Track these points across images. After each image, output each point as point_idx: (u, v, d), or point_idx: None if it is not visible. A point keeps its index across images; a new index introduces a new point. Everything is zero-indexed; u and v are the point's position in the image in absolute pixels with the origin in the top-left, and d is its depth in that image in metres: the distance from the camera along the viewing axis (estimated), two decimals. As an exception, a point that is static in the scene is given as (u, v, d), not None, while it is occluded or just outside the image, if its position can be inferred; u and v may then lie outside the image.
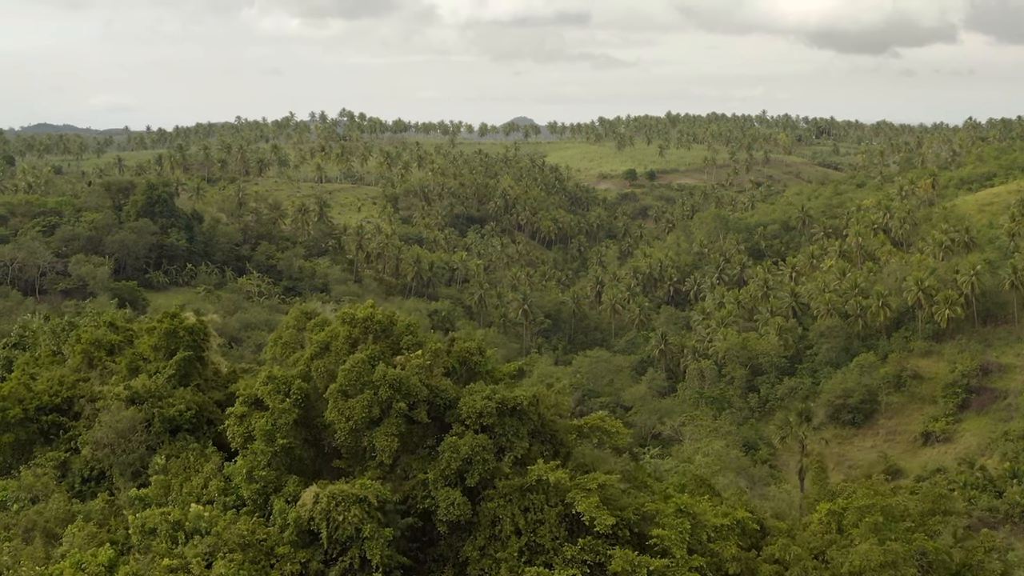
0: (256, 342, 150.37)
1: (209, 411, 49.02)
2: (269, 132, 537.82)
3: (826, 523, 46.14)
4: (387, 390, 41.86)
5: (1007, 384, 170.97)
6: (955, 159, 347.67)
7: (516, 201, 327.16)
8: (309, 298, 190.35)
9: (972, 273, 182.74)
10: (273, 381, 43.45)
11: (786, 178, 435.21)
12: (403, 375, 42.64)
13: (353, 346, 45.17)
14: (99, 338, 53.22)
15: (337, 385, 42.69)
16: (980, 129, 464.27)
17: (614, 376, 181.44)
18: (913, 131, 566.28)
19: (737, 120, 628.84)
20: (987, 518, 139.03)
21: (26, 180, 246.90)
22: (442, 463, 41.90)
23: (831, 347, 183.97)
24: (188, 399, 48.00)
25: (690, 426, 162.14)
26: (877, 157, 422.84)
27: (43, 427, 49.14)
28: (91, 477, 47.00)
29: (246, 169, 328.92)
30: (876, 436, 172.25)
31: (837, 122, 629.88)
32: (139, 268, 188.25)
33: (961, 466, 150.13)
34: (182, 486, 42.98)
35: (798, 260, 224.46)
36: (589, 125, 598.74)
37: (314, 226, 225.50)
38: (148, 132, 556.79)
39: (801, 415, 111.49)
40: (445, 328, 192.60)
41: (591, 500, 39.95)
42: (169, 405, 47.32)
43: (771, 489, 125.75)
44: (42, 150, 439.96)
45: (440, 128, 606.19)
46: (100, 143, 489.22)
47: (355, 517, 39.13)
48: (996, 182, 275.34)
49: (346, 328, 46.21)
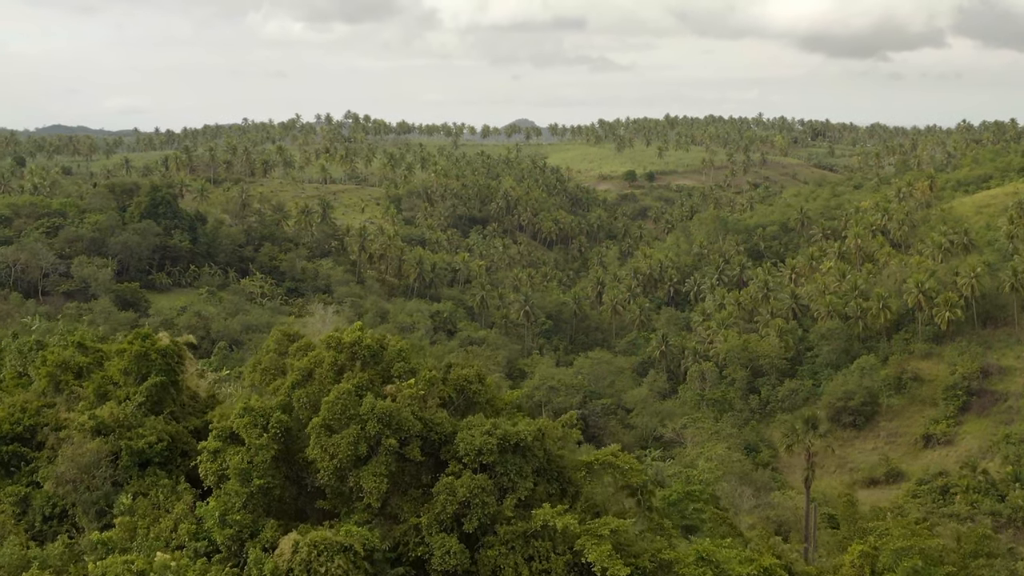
0: (257, 344, 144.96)
1: (183, 442, 43.22)
2: (276, 134, 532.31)
3: (859, 566, 40.86)
4: (376, 424, 36.30)
5: (1007, 386, 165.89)
6: (950, 161, 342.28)
7: (518, 202, 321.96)
8: (311, 299, 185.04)
9: (972, 275, 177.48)
10: (250, 413, 37.76)
11: (783, 179, 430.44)
12: (394, 407, 37.16)
13: (339, 373, 39.57)
14: (66, 360, 46.86)
15: (320, 419, 37.01)
16: (974, 132, 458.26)
17: (615, 378, 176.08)
18: (907, 133, 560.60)
19: (734, 122, 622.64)
20: (990, 522, 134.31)
21: (32, 181, 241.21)
22: (437, 506, 36.41)
23: (832, 349, 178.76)
24: (160, 429, 42.23)
25: (692, 428, 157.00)
26: (873, 159, 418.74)
27: (3, 458, 43.38)
28: (52, 515, 41.12)
29: (251, 170, 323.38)
30: (877, 438, 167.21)
31: (832, 124, 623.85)
32: (142, 269, 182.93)
33: (963, 469, 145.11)
34: (149, 529, 37.27)
35: (798, 261, 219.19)
36: (589, 127, 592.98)
37: (317, 227, 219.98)
38: (157, 134, 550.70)
39: (807, 422, 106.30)
40: (447, 329, 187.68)
41: (603, 548, 34.52)
42: (138, 436, 41.53)
43: (775, 496, 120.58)
44: (52, 151, 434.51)
45: (443, 130, 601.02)
46: (110, 144, 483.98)
47: (339, 568, 33.52)
48: (992, 184, 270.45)
49: (331, 353, 40.57)
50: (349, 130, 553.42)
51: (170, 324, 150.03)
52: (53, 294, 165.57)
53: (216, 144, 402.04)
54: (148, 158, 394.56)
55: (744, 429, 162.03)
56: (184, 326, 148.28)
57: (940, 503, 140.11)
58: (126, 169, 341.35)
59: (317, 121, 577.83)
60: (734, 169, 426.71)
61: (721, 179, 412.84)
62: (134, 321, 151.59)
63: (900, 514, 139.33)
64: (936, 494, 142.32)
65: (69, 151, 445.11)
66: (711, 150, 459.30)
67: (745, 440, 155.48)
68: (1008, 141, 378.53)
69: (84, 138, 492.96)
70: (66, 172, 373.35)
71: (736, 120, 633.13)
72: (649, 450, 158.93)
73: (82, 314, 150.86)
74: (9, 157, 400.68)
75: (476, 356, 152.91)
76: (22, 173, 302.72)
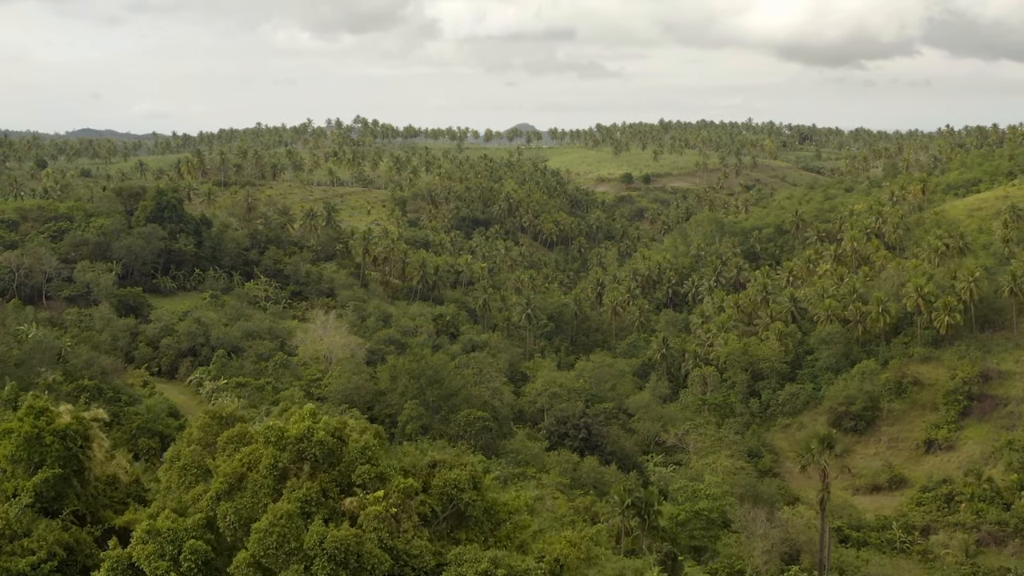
0: (256, 352, 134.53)
1: (87, 553, 30.66)
2: (288, 137, 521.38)
3: None
4: (327, 565, 24.30)
5: (1008, 391, 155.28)
6: (937, 165, 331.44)
7: (519, 204, 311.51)
8: (315, 303, 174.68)
9: (971, 280, 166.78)
10: (155, 538, 25.98)
11: (773, 181, 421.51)
12: (353, 538, 25.36)
13: (281, 479, 27.33)
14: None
15: (249, 554, 25.01)
16: (956, 136, 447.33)
17: (616, 381, 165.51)
18: (890, 138, 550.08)
19: (725, 127, 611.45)
20: (996, 532, 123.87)
21: (44, 185, 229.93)
22: None
23: (832, 353, 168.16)
24: (53, 540, 29.96)
25: (694, 435, 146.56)
26: (860, 162, 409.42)
27: None
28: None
29: (261, 173, 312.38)
30: (878, 443, 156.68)
31: (818, 129, 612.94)
32: (147, 273, 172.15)
33: (968, 477, 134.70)
34: None
35: (795, 264, 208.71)
36: (587, 131, 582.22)
37: (322, 230, 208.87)
38: (174, 137, 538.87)
39: (823, 441, 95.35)
40: (450, 332, 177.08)
41: None
42: (24, 551, 29.14)
43: (785, 512, 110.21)
44: (72, 154, 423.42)
45: (448, 134, 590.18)
46: (128, 147, 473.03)
47: None
48: (982, 187, 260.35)
49: (271, 451, 28.26)
50: (358, 134, 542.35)
51: (170, 330, 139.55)
52: (56, 299, 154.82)
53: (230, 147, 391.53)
54: (164, 161, 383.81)
55: (745, 434, 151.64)
56: (184, 332, 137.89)
57: (945, 511, 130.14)
58: (140, 172, 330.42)
59: (328, 125, 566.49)
60: (726, 171, 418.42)
61: (714, 181, 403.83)
62: (134, 328, 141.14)
63: (905, 523, 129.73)
64: (940, 502, 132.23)
65: (89, 154, 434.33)
66: (704, 153, 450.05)
67: (748, 447, 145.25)
68: (991, 145, 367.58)
69: (105, 141, 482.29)
70: (85, 174, 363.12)
71: (727, 124, 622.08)
72: (651, 455, 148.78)
73: (82, 320, 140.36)
74: (31, 160, 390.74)
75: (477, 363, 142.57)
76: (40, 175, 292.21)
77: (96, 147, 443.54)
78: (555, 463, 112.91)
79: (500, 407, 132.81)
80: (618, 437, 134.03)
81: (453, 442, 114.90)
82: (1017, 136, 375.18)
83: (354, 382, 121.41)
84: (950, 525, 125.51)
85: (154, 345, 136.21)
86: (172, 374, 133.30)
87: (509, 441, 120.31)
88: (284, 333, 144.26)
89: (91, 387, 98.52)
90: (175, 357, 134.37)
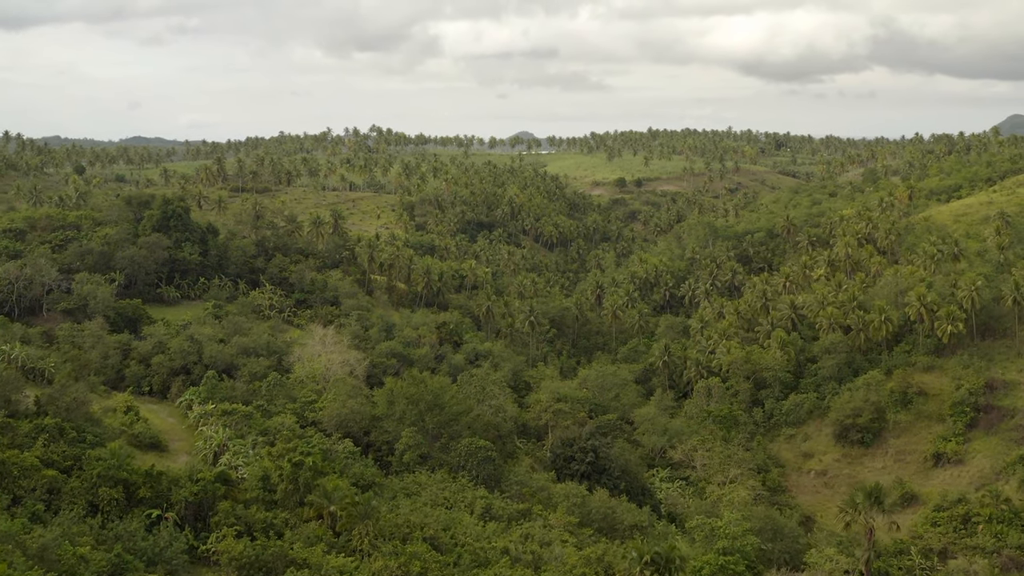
0: (250, 371, 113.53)
1: None
2: (308, 145, 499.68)
3: None
4: None
5: (1014, 402, 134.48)
6: (912, 171, 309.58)
7: (521, 208, 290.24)
8: (319, 312, 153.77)
9: (972, 288, 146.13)
10: None
11: (754, 185, 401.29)
12: None
13: None
14: None
15: None
16: (925, 144, 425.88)
17: (620, 390, 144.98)
18: (858, 144, 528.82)
19: (708, 135, 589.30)
20: (1018, 557, 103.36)
21: (61, 193, 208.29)
22: None
23: (835, 363, 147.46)
24: None
25: (701, 451, 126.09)
26: (836, 167, 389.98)
27: None
28: None
29: (277, 179, 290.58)
30: (886, 456, 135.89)
31: (792, 136, 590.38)
32: (150, 283, 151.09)
33: (983, 496, 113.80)
34: None
35: (791, 269, 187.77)
36: (583, 139, 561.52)
37: (329, 237, 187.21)
38: (204, 144, 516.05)
39: (870, 495, 74.40)
40: (453, 341, 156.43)
41: None
42: None
43: (813, 556, 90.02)
44: (108, 160, 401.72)
45: (456, 141, 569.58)
46: (162, 154, 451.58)
47: None
48: (963, 193, 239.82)
49: None
50: (374, 142, 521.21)
51: (162, 348, 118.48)
52: (54, 311, 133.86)
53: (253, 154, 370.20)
54: (191, 167, 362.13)
55: (752, 447, 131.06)
56: (176, 350, 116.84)
57: (962, 532, 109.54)
58: (164, 178, 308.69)
59: (346, 134, 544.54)
60: (711, 176, 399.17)
61: (700, 185, 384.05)
62: (125, 345, 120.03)
63: (923, 547, 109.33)
64: (957, 522, 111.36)
65: (124, 160, 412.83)
66: (690, 159, 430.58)
67: (756, 464, 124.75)
68: (959, 152, 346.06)
69: (141, 148, 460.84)
70: (119, 179, 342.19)
71: (710, 132, 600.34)
72: (656, 469, 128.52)
73: (74, 336, 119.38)
74: (70, 166, 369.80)
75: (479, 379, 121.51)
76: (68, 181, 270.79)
77: (131, 153, 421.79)
78: (562, 496, 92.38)
79: (503, 423, 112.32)
80: (623, 451, 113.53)
81: (453, 473, 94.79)
82: (979, 144, 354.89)
83: (349, 406, 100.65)
84: (968, 548, 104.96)
85: (146, 363, 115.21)
86: (164, 393, 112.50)
87: (513, 469, 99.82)
88: (282, 348, 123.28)
89: (51, 427, 77.88)
90: (167, 376, 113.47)
